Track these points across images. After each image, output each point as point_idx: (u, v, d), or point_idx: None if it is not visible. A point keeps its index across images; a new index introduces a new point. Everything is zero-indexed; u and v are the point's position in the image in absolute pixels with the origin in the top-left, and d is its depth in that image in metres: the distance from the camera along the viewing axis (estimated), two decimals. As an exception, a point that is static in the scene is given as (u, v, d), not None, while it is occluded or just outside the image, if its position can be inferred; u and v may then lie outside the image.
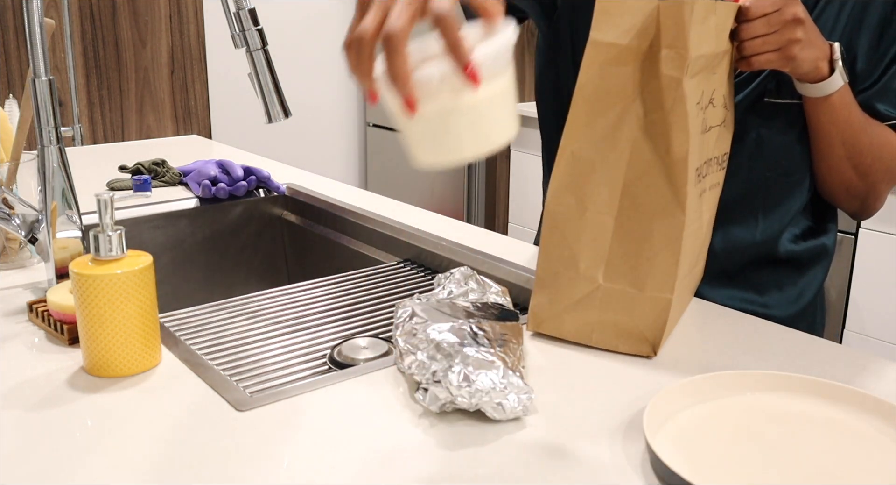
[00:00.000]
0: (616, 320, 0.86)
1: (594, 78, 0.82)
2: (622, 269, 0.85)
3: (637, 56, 0.81)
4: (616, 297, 0.85)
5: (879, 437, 0.71)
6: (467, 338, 0.78)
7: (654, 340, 0.86)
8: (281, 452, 0.68)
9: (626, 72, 0.81)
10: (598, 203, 0.84)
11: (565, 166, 0.84)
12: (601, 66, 0.81)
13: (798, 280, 1.09)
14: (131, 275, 0.79)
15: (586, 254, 0.85)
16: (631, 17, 0.81)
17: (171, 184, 1.58)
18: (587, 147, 0.83)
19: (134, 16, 2.88)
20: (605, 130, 0.83)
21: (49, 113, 0.95)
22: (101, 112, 2.88)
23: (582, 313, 0.87)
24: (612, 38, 0.81)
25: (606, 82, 0.82)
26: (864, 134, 0.98)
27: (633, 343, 0.87)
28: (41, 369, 0.83)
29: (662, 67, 0.80)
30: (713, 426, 0.72)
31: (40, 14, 0.93)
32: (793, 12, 0.85)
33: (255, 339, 1.00)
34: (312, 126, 3.69)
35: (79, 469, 0.65)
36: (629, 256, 0.84)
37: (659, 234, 0.83)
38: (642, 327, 0.86)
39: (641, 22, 0.80)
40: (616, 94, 0.82)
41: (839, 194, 1.03)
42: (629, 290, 0.85)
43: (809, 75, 0.91)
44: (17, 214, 1.01)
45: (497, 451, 0.69)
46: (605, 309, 0.86)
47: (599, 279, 0.85)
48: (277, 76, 1.06)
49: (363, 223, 1.39)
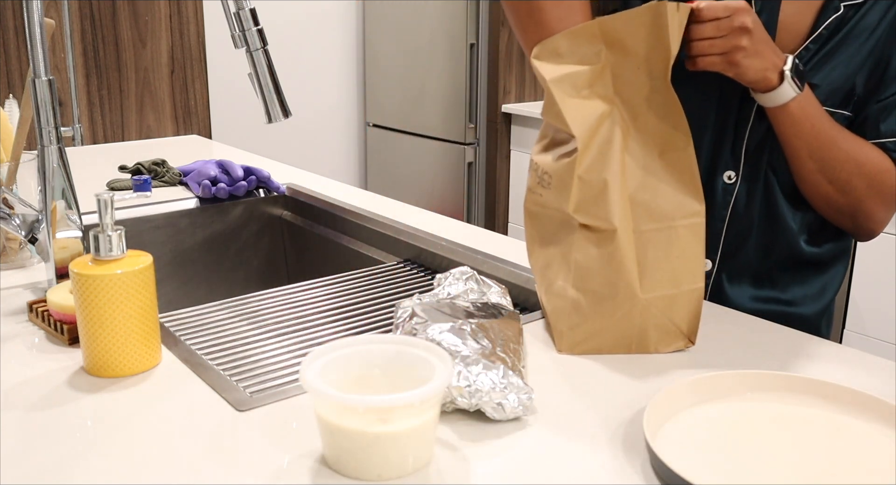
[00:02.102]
0: (655, 324, 0.87)
1: (574, 107, 0.85)
2: (657, 276, 0.85)
3: (597, 73, 0.86)
4: (656, 303, 0.86)
5: (879, 437, 0.71)
6: (467, 338, 0.78)
7: (691, 332, 0.87)
8: (281, 452, 0.68)
9: (596, 91, 0.86)
10: (618, 219, 0.84)
11: (579, 192, 0.85)
12: (573, 96, 0.86)
13: (820, 278, 1.10)
14: (131, 275, 0.79)
15: (622, 273, 0.85)
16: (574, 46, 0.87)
17: (171, 184, 1.58)
18: (593, 168, 0.85)
19: (134, 16, 2.88)
20: (600, 149, 0.85)
21: (49, 113, 0.95)
22: (101, 112, 2.88)
23: (621, 328, 0.87)
24: (564, 70, 0.87)
25: (585, 106, 0.85)
26: (835, 147, 0.97)
27: (671, 340, 0.87)
28: (41, 368, 0.83)
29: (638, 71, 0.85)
30: (713, 426, 0.72)
31: (40, 14, 0.93)
32: (742, 20, 0.88)
33: (255, 339, 1.00)
34: (312, 126, 3.69)
35: (79, 469, 0.65)
36: (660, 260, 0.85)
37: (684, 229, 0.85)
38: (679, 322, 0.87)
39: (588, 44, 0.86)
40: (597, 113, 0.85)
41: (823, 208, 1.04)
42: (669, 292, 0.85)
43: (757, 84, 0.93)
44: (17, 214, 1.01)
45: (497, 451, 0.69)
46: (645, 318, 0.86)
47: (639, 294, 0.85)
48: (277, 76, 1.06)
49: (363, 223, 1.39)
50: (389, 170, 3.72)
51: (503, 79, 3.22)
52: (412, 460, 0.65)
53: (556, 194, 0.88)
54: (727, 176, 1.02)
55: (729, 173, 1.02)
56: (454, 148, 3.35)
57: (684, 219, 0.85)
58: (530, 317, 0.97)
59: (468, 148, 3.31)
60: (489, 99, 3.27)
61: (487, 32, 3.21)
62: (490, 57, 3.23)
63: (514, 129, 3.26)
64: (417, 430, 0.64)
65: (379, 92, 3.69)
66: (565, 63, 0.87)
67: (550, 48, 0.89)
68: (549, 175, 0.89)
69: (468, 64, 3.21)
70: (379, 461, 0.64)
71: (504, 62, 3.20)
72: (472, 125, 3.28)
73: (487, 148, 3.32)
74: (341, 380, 0.68)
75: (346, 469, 0.65)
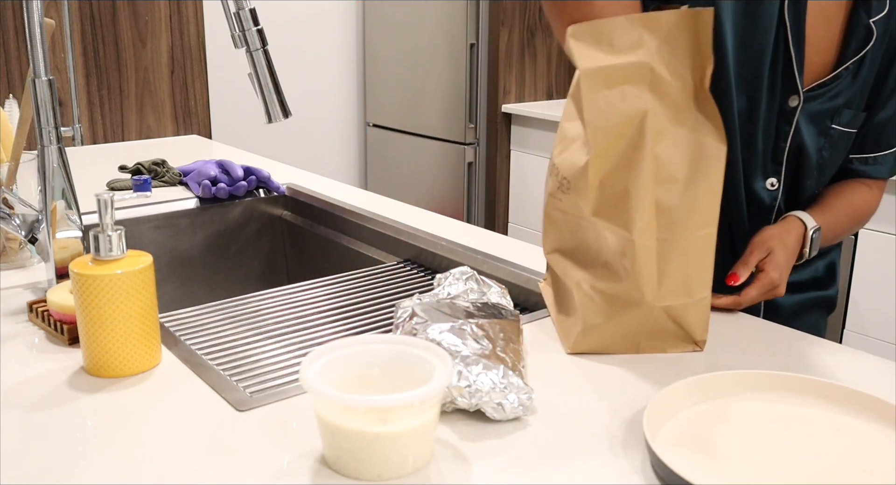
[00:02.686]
0: (667, 331, 0.86)
1: (599, 105, 0.82)
2: (673, 285, 0.84)
3: (638, 69, 0.82)
4: (670, 312, 0.85)
5: (879, 437, 0.71)
6: (467, 338, 0.78)
7: (701, 338, 0.87)
8: (281, 452, 0.68)
9: (630, 90, 0.82)
10: (639, 227, 0.83)
11: (598, 197, 0.84)
12: (602, 91, 0.82)
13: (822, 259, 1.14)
14: (131, 275, 0.79)
15: (642, 281, 0.84)
16: (617, 36, 0.83)
17: (171, 184, 1.58)
18: (614, 174, 0.83)
19: (134, 16, 2.88)
20: (625, 153, 0.82)
21: (49, 113, 0.95)
22: (101, 112, 2.88)
23: (632, 330, 0.87)
24: (601, 61, 0.83)
25: (613, 105, 0.82)
26: (845, 226, 1.08)
27: (680, 343, 0.87)
28: (41, 368, 0.83)
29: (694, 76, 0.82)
30: (713, 426, 0.72)
31: (40, 14, 0.93)
32: (778, 287, 0.99)
33: (256, 339, 1.00)
34: (312, 126, 3.69)
35: (79, 469, 0.65)
36: (678, 269, 0.84)
37: (700, 240, 0.84)
38: (691, 330, 0.87)
39: (631, 37, 0.83)
40: (626, 113, 0.82)
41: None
42: (683, 301, 0.85)
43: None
44: (17, 214, 1.01)
45: (497, 451, 0.69)
46: (659, 324, 0.86)
47: (655, 302, 0.85)
48: (277, 76, 1.06)
49: (363, 223, 1.39)
50: (389, 170, 3.72)
51: (503, 79, 3.22)
52: (412, 460, 0.65)
53: (575, 197, 0.87)
54: (770, 183, 1.03)
55: (772, 181, 1.03)
56: (454, 148, 3.35)
57: (701, 229, 0.84)
58: (530, 317, 0.97)
59: (468, 148, 3.31)
60: (489, 99, 3.27)
61: (487, 32, 3.21)
62: (490, 57, 3.23)
63: (514, 129, 3.26)
64: (417, 430, 0.64)
65: (379, 92, 3.69)
66: (604, 51, 0.83)
67: (592, 31, 0.84)
68: (567, 180, 0.87)
69: (468, 64, 3.21)
70: (379, 461, 0.64)
71: (504, 62, 3.20)
72: (472, 125, 3.28)
73: (487, 148, 3.32)
74: (341, 380, 0.68)
75: (346, 469, 0.65)
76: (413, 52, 3.45)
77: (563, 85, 3.40)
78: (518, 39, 3.22)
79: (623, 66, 0.82)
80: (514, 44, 3.20)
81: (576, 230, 0.88)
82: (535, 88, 3.32)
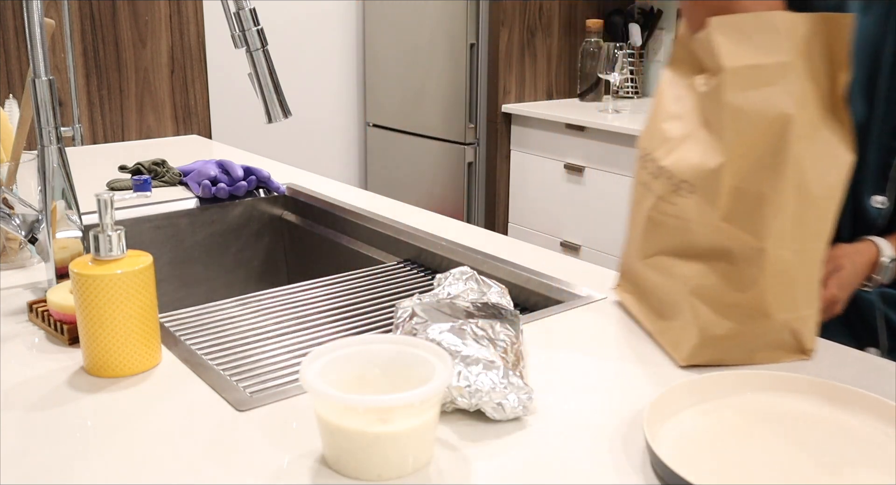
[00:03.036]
0: (783, 339, 0.85)
1: (741, 106, 0.79)
2: (797, 297, 0.83)
3: (783, 71, 0.79)
4: (791, 323, 0.84)
5: (879, 437, 0.71)
6: (467, 338, 0.78)
7: (811, 347, 0.86)
8: (281, 452, 0.68)
9: (774, 92, 0.79)
10: (774, 237, 0.80)
11: (729, 202, 0.80)
12: (746, 91, 0.79)
13: None
14: (131, 275, 0.79)
15: (771, 292, 0.81)
16: (760, 34, 0.79)
17: (171, 184, 1.58)
18: (749, 179, 0.80)
19: (134, 16, 2.88)
20: (762, 157, 0.79)
21: (49, 113, 0.95)
22: (101, 112, 2.88)
23: (752, 343, 0.84)
24: (748, 60, 0.79)
25: (755, 107, 0.79)
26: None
27: (792, 354, 0.86)
28: (41, 368, 0.83)
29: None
30: (713, 426, 0.72)
31: (40, 14, 0.93)
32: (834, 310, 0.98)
33: (255, 339, 1.00)
34: (312, 126, 3.69)
35: (79, 469, 0.65)
36: (804, 280, 0.83)
37: (815, 253, 0.82)
38: (804, 339, 0.85)
39: (774, 36, 0.79)
40: (768, 116, 0.79)
41: None
42: (802, 313, 0.84)
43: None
44: (17, 214, 1.01)
45: (497, 451, 0.69)
46: (779, 334, 0.84)
47: (779, 314, 0.82)
48: (277, 76, 1.06)
49: (363, 223, 1.39)
50: (389, 170, 3.72)
51: (503, 79, 3.22)
52: (412, 460, 0.65)
53: (701, 201, 0.82)
54: (877, 201, 1.02)
55: (881, 198, 1.02)
56: (454, 148, 3.35)
57: (814, 242, 0.82)
58: (530, 317, 0.97)
59: (468, 148, 3.31)
60: (489, 99, 3.27)
61: (487, 32, 3.21)
62: (490, 57, 3.23)
63: (514, 129, 3.26)
64: (417, 430, 0.64)
65: (379, 92, 3.69)
66: (748, 49, 0.79)
67: (736, 26, 0.80)
68: (688, 183, 0.83)
69: (468, 64, 3.21)
70: (379, 461, 0.64)
71: (504, 62, 3.20)
72: (472, 125, 3.28)
73: (487, 148, 3.32)
74: (341, 380, 0.68)
75: (346, 469, 0.65)
76: (413, 52, 3.45)
77: (563, 85, 3.40)
78: (518, 39, 3.22)
79: (768, 67, 0.78)
80: (514, 44, 3.20)
81: (690, 234, 0.84)
82: (535, 88, 3.32)
